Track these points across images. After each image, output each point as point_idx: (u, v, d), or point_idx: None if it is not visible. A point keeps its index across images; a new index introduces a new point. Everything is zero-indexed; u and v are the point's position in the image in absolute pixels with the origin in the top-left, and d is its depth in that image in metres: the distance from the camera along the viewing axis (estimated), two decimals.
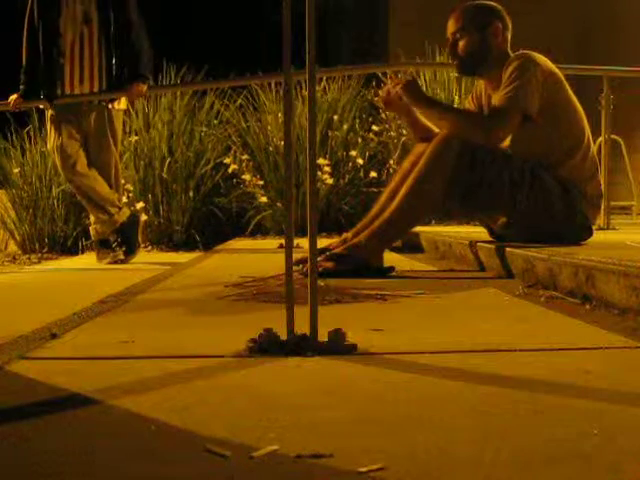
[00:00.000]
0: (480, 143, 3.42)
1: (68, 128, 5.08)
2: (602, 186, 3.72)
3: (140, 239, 5.31)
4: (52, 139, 5.15)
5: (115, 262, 5.05)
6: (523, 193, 3.46)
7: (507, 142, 3.58)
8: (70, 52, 5.08)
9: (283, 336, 1.74)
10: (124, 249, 5.13)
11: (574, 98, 3.61)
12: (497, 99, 3.51)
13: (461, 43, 3.62)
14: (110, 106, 5.16)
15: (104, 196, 5.09)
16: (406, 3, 10.18)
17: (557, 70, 3.60)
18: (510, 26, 3.65)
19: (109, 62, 5.10)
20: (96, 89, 5.12)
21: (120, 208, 5.17)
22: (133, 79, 5.10)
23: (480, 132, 3.45)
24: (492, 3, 3.70)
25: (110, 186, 5.14)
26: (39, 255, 6.87)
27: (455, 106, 3.50)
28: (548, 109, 3.51)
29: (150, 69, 5.28)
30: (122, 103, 5.28)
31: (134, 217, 5.24)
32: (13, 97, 5.21)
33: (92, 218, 5.25)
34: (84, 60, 5.10)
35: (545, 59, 3.58)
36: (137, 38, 5.10)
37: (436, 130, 3.58)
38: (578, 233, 3.57)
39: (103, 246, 5.17)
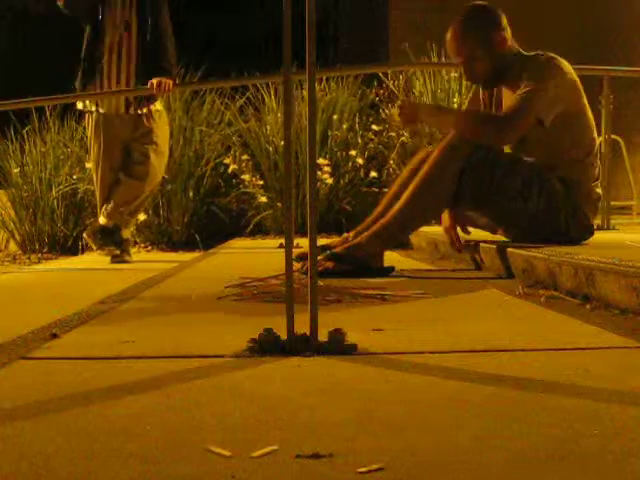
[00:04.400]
0: (490, 142, 3.40)
1: (109, 138, 5.11)
2: (601, 187, 3.72)
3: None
4: (94, 152, 5.16)
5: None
6: (533, 197, 3.43)
7: (512, 144, 3.57)
8: (109, 56, 5.11)
9: (283, 336, 1.74)
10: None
11: (587, 104, 3.58)
12: (514, 99, 3.46)
13: (476, 69, 3.55)
14: (146, 110, 5.15)
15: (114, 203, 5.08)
16: (407, 3, 10.17)
17: (576, 77, 3.56)
18: (506, 23, 3.56)
19: (142, 66, 5.13)
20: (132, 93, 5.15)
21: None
22: (156, 74, 5.08)
23: (491, 131, 3.42)
24: (480, 14, 3.57)
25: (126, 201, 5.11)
26: (39, 255, 6.87)
27: (459, 108, 3.47)
28: (563, 114, 3.47)
29: (176, 69, 5.30)
30: (157, 104, 5.28)
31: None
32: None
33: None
34: (121, 64, 5.12)
35: (569, 65, 3.53)
36: (166, 41, 5.15)
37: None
38: (581, 233, 3.57)
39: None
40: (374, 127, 7.35)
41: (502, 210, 3.50)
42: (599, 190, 3.63)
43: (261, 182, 7.20)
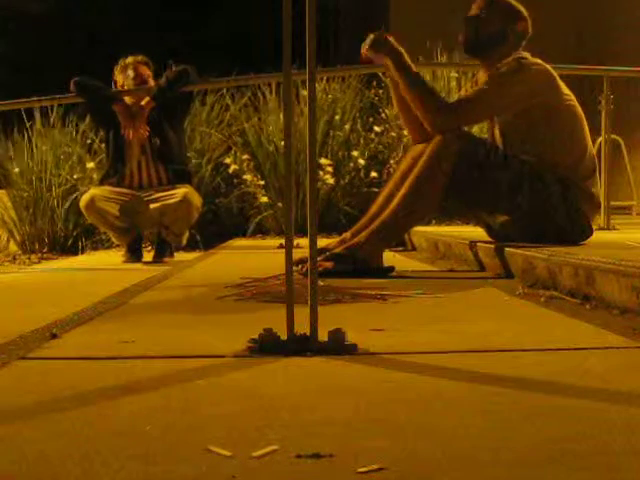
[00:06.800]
0: (430, 122, 3.45)
1: None
2: (602, 186, 3.73)
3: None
4: None
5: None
6: (524, 193, 3.46)
7: (499, 138, 3.62)
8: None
9: (283, 336, 1.74)
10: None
11: (572, 99, 3.60)
12: (469, 90, 3.57)
13: (481, 23, 3.64)
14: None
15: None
16: (407, 3, 10.18)
17: (554, 73, 3.59)
18: (528, 35, 3.66)
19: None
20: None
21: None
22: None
23: (432, 112, 3.47)
24: (523, 9, 3.69)
25: None
26: (39, 255, 6.86)
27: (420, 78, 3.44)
28: (546, 111, 3.52)
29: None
30: None
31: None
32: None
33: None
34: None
35: (542, 66, 3.56)
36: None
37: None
38: (579, 232, 3.57)
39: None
40: (375, 128, 7.35)
41: (495, 206, 3.54)
42: (594, 190, 3.63)
43: (262, 182, 7.19)
